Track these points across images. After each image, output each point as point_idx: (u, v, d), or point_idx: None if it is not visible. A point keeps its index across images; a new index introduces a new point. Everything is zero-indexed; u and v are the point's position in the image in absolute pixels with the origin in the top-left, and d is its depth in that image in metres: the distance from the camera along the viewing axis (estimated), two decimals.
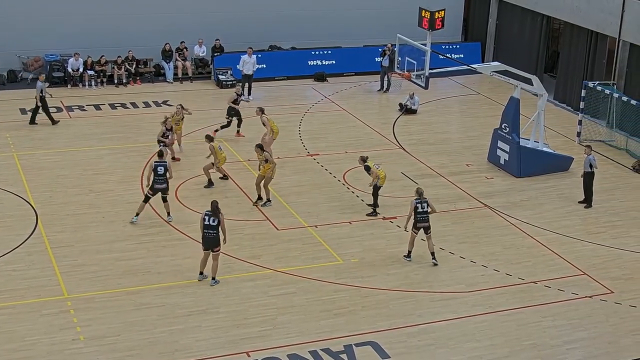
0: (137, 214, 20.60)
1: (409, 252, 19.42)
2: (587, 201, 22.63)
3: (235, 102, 26.31)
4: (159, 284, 17.97)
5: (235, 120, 26.41)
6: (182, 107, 25.12)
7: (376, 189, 21.43)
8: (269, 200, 21.82)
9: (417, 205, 18.94)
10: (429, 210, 19.01)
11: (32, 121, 26.93)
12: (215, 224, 17.66)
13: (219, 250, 17.89)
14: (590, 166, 22.32)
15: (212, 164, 22.68)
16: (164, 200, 20.74)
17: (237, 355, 15.60)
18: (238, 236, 20.17)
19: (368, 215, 21.46)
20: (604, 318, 17.47)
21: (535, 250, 20.27)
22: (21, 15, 31.32)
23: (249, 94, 30.69)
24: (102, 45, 31.80)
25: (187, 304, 17.25)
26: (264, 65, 32.78)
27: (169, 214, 20.82)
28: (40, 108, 26.76)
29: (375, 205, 21.57)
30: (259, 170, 21.65)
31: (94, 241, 19.76)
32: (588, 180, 22.52)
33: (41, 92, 26.63)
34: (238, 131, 26.50)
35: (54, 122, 26.94)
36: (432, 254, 19.30)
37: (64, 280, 17.92)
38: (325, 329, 16.59)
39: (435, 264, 19.21)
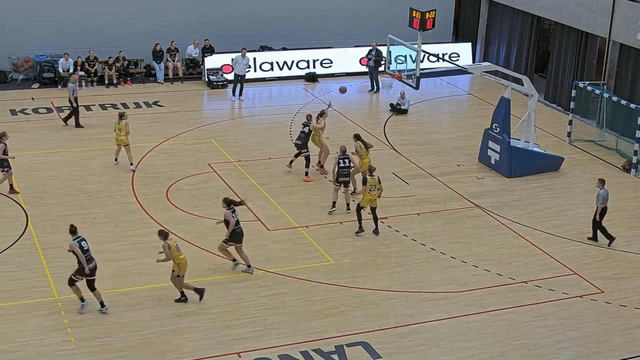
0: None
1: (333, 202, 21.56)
2: (607, 236, 20.80)
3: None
4: (150, 284, 17.95)
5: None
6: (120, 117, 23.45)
7: (359, 209, 20.66)
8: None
9: (340, 160, 21.12)
10: (351, 165, 21.38)
11: (70, 122, 27.09)
12: None
13: None
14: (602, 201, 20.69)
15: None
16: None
17: (228, 355, 15.61)
18: None
19: (357, 233, 20.69)
20: (594, 317, 17.54)
21: (526, 250, 20.34)
22: (11, 15, 31.28)
23: (240, 94, 30.70)
24: (92, 45, 31.78)
25: (178, 304, 17.24)
26: (255, 65, 32.99)
27: None
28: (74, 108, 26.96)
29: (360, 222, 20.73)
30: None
31: None
32: (603, 216, 20.79)
33: (73, 92, 26.66)
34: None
35: (67, 121, 27.14)
36: (347, 205, 21.68)
37: (55, 281, 17.87)
38: (316, 330, 16.58)
39: (349, 211, 21.47)
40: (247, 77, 31.33)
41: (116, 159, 23.92)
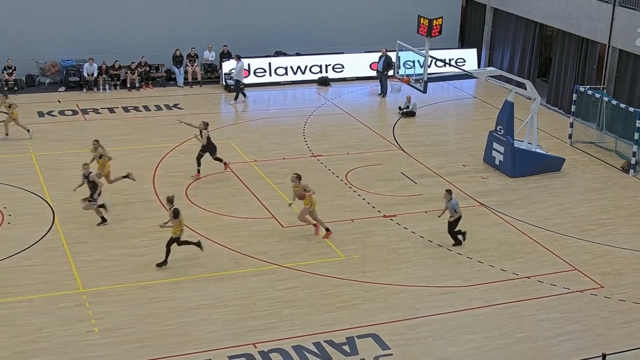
0: None
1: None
2: (461, 240, 20.35)
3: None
4: (170, 278, 18.20)
5: None
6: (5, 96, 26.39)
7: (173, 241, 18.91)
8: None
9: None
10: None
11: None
12: None
13: None
14: (455, 211, 20.06)
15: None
16: None
17: (244, 346, 15.89)
18: (246, 233, 20.48)
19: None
20: (594, 311, 17.71)
21: (528, 247, 20.45)
22: (39, 22, 31.64)
23: (235, 98, 31.00)
24: (116, 51, 32.18)
25: (197, 297, 17.46)
26: (270, 70, 33.49)
27: None
28: None
29: None
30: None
31: (108, 238, 19.94)
32: (454, 225, 20.20)
33: None
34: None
35: None
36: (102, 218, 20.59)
37: (80, 274, 18.20)
38: (328, 322, 16.81)
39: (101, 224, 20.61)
40: (262, 81, 31.56)
41: (7, 134, 25.96)
